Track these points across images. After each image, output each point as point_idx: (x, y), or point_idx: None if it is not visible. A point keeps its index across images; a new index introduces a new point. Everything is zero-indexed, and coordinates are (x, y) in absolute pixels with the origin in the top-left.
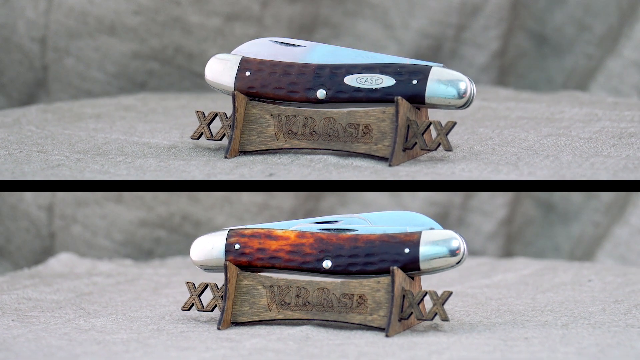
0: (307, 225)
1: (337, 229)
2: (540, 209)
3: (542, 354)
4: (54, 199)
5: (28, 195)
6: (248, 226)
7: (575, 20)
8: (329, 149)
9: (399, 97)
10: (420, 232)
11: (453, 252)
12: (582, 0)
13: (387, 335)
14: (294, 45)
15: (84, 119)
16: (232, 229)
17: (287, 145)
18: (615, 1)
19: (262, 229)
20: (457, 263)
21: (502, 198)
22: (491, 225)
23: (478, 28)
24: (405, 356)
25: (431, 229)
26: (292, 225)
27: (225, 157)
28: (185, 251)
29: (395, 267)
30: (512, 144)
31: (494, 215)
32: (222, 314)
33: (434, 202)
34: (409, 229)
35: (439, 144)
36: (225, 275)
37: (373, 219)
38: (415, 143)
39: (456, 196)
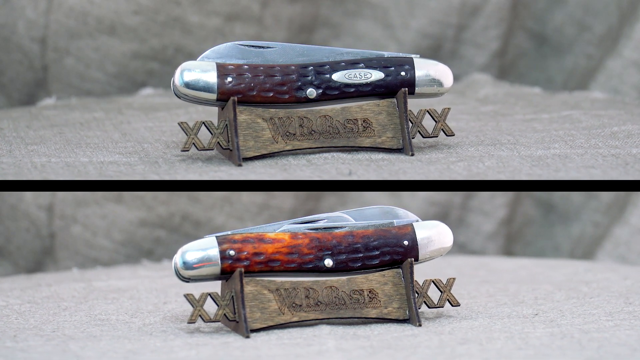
0: (292, 226)
1: (326, 227)
2: (540, 209)
3: (595, 324)
4: (54, 199)
5: (28, 195)
6: (234, 231)
7: (575, 20)
8: (332, 147)
9: (404, 89)
10: (411, 224)
11: (445, 241)
12: (582, 0)
13: (419, 325)
14: (263, 47)
15: None
16: (218, 236)
17: (288, 147)
18: (615, 1)
19: (251, 233)
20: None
21: (502, 198)
22: (491, 225)
23: (478, 28)
24: (499, 336)
25: (416, 220)
26: (277, 228)
27: (240, 165)
28: None
29: (410, 260)
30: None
31: (494, 215)
32: (245, 321)
33: (434, 202)
34: (396, 222)
35: (441, 130)
36: (241, 282)
37: (354, 215)
38: (418, 131)
39: (456, 196)
